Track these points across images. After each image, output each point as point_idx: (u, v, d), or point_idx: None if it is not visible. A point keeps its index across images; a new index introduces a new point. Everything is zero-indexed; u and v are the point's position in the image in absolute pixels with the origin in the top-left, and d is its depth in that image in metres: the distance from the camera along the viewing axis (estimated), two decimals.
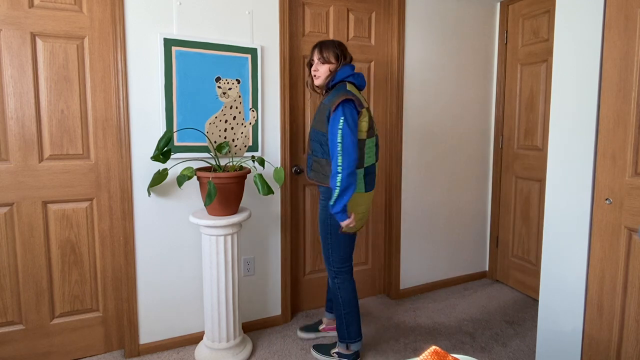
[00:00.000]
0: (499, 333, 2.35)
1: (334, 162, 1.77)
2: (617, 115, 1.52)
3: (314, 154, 1.94)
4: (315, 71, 1.93)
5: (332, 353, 2.06)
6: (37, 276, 1.93)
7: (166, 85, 2.01)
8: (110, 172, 2.02)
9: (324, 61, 1.90)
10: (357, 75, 1.93)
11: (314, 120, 1.94)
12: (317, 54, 1.91)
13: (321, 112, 1.88)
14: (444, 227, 2.97)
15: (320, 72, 1.92)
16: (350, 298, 1.99)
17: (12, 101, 1.82)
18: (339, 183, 1.75)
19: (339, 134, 1.75)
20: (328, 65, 1.90)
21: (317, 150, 1.91)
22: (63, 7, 1.87)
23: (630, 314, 1.52)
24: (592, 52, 1.59)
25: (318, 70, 1.92)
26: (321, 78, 1.93)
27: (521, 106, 2.86)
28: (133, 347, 2.08)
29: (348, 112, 1.77)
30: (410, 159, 2.76)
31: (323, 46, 1.91)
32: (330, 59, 1.89)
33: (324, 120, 1.85)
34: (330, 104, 1.82)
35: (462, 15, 2.85)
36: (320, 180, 1.92)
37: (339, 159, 1.75)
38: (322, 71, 1.91)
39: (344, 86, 1.87)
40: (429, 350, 0.94)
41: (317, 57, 1.92)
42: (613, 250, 1.56)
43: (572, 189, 1.69)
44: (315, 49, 1.93)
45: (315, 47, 1.94)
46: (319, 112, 1.90)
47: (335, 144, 1.76)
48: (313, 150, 1.94)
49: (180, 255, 2.15)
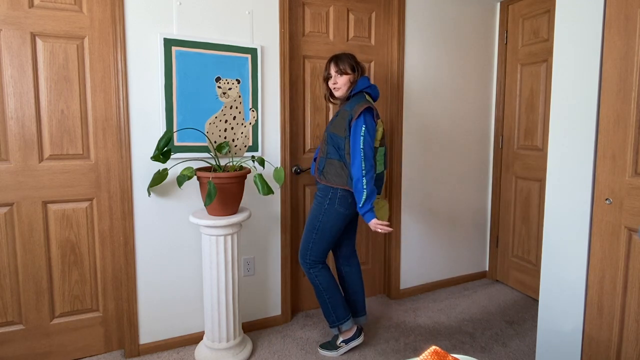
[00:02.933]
0: (499, 333, 2.35)
1: (357, 166, 1.87)
2: (617, 115, 1.52)
3: (328, 156, 2.00)
4: (335, 84, 2.02)
5: (339, 344, 2.13)
6: (37, 276, 1.93)
7: (166, 85, 2.01)
8: (110, 172, 2.02)
9: (342, 72, 1.99)
10: (374, 87, 2.05)
11: (331, 124, 2.02)
12: (334, 67, 2.00)
13: (341, 118, 1.96)
14: (444, 227, 2.97)
15: (340, 83, 2.00)
16: (330, 283, 2.07)
17: (12, 101, 1.82)
18: (365, 186, 1.86)
19: (361, 140, 1.87)
20: (347, 76, 1.99)
21: (332, 153, 1.99)
22: (63, 7, 1.87)
23: (630, 314, 1.52)
24: (592, 52, 1.59)
25: (337, 83, 2.01)
26: (342, 89, 2.02)
27: (521, 106, 2.86)
28: (133, 347, 2.08)
29: (369, 120, 1.90)
30: (410, 158, 2.76)
31: (339, 59, 2.01)
32: (347, 70, 1.99)
33: (343, 126, 1.93)
34: (352, 111, 1.91)
35: (462, 16, 2.85)
36: (328, 180, 1.99)
37: (362, 164, 1.86)
38: (342, 82, 2.00)
39: (363, 96, 1.98)
40: (429, 350, 0.94)
41: (334, 70, 2.01)
42: (613, 250, 1.56)
43: (572, 189, 1.69)
44: (331, 62, 2.02)
45: (330, 61, 2.03)
46: (339, 117, 1.98)
47: (358, 149, 1.87)
48: (328, 153, 2.00)
49: (180, 255, 2.15)
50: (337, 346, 2.13)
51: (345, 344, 2.13)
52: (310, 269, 2.07)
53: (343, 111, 1.97)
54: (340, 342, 2.13)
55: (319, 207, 2.02)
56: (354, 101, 1.97)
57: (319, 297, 2.09)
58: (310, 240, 2.04)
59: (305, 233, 2.07)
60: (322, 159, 2.04)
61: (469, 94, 2.95)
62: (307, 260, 2.06)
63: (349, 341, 2.13)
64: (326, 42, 2.46)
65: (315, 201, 2.07)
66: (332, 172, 1.98)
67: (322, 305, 2.10)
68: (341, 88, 2.01)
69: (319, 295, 2.09)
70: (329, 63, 2.03)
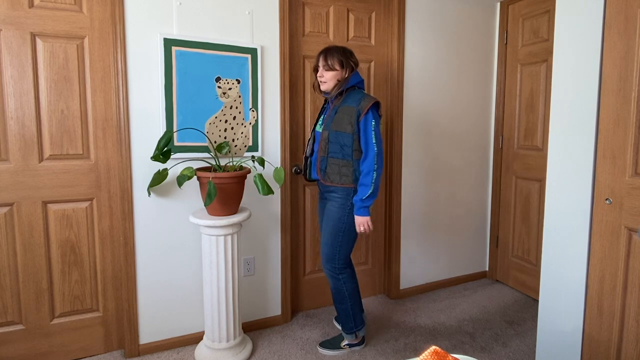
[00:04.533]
0: (499, 333, 2.35)
1: (370, 160, 1.87)
2: (617, 115, 1.52)
3: (330, 156, 1.96)
4: (321, 77, 1.99)
5: (342, 346, 2.12)
6: (37, 276, 1.93)
7: (166, 85, 2.01)
8: (110, 172, 2.02)
9: (329, 68, 1.96)
10: (363, 82, 2.03)
11: (332, 122, 1.95)
12: (322, 61, 1.97)
13: (344, 114, 1.91)
14: (444, 227, 2.97)
15: (326, 78, 1.98)
16: (355, 289, 2.07)
17: (12, 101, 1.82)
18: (373, 180, 1.86)
19: (373, 135, 1.88)
20: (333, 72, 1.96)
21: (336, 152, 1.94)
22: (63, 7, 1.87)
23: (630, 314, 1.52)
24: (592, 52, 1.59)
25: (323, 76, 1.98)
26: (328, 84, 1.99)
27: (521, 106, 2.86)
28: (133, 347, 2.08)
29: (376, 115, 1.92)
30: (410, 158, 2.76)
31: (328, 53, 1.96)
32: (334, 66, 1.95)
33: (350, 122, 1.90)
34: (359, 107, 1.89)
35: (462, 15, 2.85)
36: (334, 180, 1.96)
37: (375, 158, 1.87)
38: (328, 77, 1.97)
39: (362, 91, 1.98)
40: (429, 350, 0.94)
41: (322, 64, 1.98)
42: (613, 250, 1.56)
43: (572, 189, 1.69)
44: (320, 55, 1.99)
45: (320, 54, 1.99)
46: (340, 114, 1.92)
47: (371, 144, 1.88)
48: (330, 152, 1.95)
49: (180, 255, 2.15)
50: (338, 346, 2.12)
51: (349, 347, 2.13)
52: (339, 275, 2.02)
53: (345, 107, 1.92)
54: (344, 344, 2.13)
55: (342, 209, 1.96)
56: (354, 96, 1.93)
57: (341, 304, 2.05)
58: (336, 244, 1.99)
59: (329, 237, 2.00)
60: (323, 159, 1.98)
61: (469, 94, 2.95)
62: (336, 266, 2.01)
63: (354, 346, 2.13)
64: (326, 42, 2.46)
65: (335, 204, 1.98)
66: (337, 172, 1.94)
67: (342, 311, 2.06)
68: (327, 82, 1.97)
69: (341, 301, 2.04)
70: (319, 55, 2.00)
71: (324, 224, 2.05)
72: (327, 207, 2.02)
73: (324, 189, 2.05)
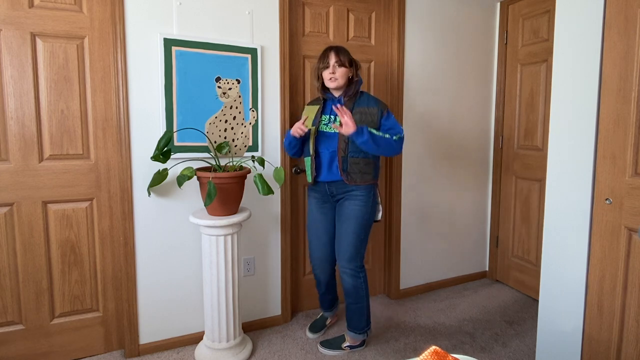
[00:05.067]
0: (499, 333, 2.35)
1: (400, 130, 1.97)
2: (617, 115, 1.52)
3: (350, 155, 1.96)
4: (333, 73, 1.97)
5: (343, 347, 2.12)
6: (37, 276, 1.93)
7: (166, 85, 2.01)
8: (110, 172, 2.02)
9: (341, 64, 1.96)
10: None
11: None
12: (335, 57, 1.96)
13: (366, 114, 1.97)
14: (444, 227, 2.97)
15: (339, 74, 1.97)
16: (368, 289, 2.10)
17: (12, 101, 1.82)
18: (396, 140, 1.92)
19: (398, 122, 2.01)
20: (345, 69, 1.97)
21: (356, 151, 1.96)
22: (63, 7, 1.87)
23: (630, 314, 1.52)
24: (592, 52, 1.59)
25: (336, 73, 1.97)
26: (339, 81, 1.98)
27: (521, 106, 2.86)
28: (133, 347, 2.08)
29: None
30: (410, 158, 2.76)
31: (340, 51, 1.98)
32: (346, 63, 1.97)
33: (373, 121, 1.96)
34: (380, 106, 2.00)
35: (462, 15, 2.85)
36: (356, 180, 1.97)
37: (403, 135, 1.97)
38: (340, 74, 1.97)
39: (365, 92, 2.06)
40: (429, 350, 0.94)
41: (334, 59, 1.96)
42: (613, 250, 1.56)
43: (572, 189, 1.69)
44: (331, 52, 1.98)
45: (330, 50, 1.98)
46: (361, 115, 1.97)
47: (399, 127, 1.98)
48: (350, 151, 1.96)
49: (180, 255, 2.15)
50: (339, 347, 2.12)
51: (349, 349, 2.13)
52: (360, 273, 2.03)
53: (364, 109, 1.98)
54: (345, 345, 2.13)
55: (365, 206, 1.98)
56: (366, 98, 2.02)
57: (357, 302, 2.04)
58: (359, 243, 2.00)
59: (353, 237, 1.99)
60: (344, 159, 1.96)
61: (469, 94, 2.95)
62: (358, 264, 2.02)
63: (355, 348, 2.13)
64: (326, 42, 2.46)
65: (354, 203, 1.99)
66: (358, 171, 1.97)
67: (356, 311, 2.06)
68: (338, 80, 1.96)
69: (358, 300, 2.04)
70: (329, 52, 1.97)
71: (343, 224, 2.02)
72: (347, 206, 2.01)
73: (341, 189, 2.02)
